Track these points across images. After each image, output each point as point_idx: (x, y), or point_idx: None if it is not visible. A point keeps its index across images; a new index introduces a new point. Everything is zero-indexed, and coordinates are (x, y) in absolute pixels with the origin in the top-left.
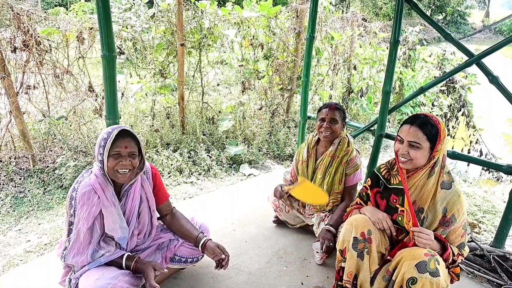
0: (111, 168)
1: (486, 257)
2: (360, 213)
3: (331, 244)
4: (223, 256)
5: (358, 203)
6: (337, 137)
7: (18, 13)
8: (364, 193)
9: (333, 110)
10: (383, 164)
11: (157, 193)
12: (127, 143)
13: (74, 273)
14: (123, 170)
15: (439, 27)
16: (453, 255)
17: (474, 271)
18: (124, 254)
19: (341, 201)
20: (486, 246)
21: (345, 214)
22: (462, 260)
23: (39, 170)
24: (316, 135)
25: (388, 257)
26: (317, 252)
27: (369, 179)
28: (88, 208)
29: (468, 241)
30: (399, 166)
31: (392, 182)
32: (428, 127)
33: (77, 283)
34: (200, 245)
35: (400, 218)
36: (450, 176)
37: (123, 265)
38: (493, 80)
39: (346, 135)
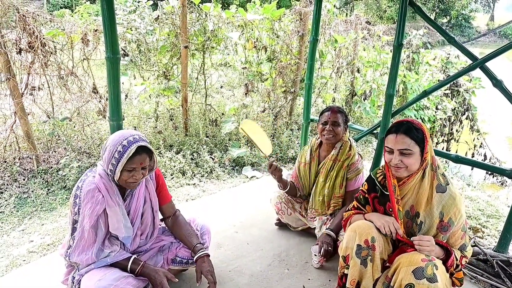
0: (124, 180)
1: (489, 262)
2: (365, 219)
3: (329, 248)
4: (207, 279)
5: (356, 206)
6: (340, 140)
7: (24, 15)
8: (361, 197)
9: (335, 113)
10: (379, 169)
11: (160, 193)
12: (143, 159)
13: (78, 271)
14: (134, 182)
15: (442, 31)
16: (456, 259)
17: (477, 276)
18: (131, 257)
19: (342, 205)
20: (490, 251)
21: (344, 219)
22: (466, 261)
23: (43, 171)
24: (318, 138)
25: (387, 264)
26: (315, 255)
27: (365, 183)
28: (92, 206)
29: (471, 246)
30: (388, 176)
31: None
32: (414, 132)
33: (80, 280)
34: (195, 257)
35: None
36: (445, 178)
37: (128, 268)
38: (497, 83)
39: (349, 139)
